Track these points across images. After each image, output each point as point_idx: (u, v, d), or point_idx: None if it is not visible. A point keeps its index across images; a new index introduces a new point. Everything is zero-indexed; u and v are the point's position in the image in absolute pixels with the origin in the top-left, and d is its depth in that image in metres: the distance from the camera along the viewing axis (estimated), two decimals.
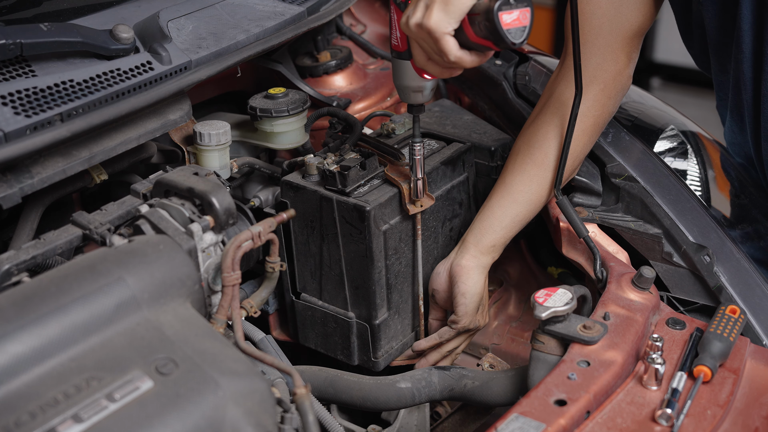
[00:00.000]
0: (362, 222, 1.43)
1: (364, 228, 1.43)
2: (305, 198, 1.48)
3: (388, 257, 1.47)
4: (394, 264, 1.49)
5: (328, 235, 1.48)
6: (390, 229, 1.46)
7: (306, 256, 1.54)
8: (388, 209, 1.46)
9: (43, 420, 0.90)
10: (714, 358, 1.22)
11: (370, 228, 1.42)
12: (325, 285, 1.53)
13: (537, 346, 1.29)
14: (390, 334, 1.54)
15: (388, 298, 1.50)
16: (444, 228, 1.59)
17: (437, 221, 1.56)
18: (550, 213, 1.57)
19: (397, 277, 1.51)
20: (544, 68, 1.75)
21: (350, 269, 1.48)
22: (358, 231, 1.44)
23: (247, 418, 0.97)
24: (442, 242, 1.59)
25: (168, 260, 1.12)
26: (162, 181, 1.29)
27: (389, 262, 1.48)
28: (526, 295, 1.81)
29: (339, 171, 1.43)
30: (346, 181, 1.42)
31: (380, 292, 1.48)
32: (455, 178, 1.59)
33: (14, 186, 1.21)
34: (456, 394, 1.41)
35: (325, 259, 1.51)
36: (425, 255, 1.56)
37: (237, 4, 1.65)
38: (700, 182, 1.78)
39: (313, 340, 1.60)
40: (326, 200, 1.45)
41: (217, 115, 1.73)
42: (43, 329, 0.98)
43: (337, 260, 1.49)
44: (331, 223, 1.46)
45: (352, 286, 1.50)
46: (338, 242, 1.47)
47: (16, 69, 1.30)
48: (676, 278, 1.48)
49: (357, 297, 1.50)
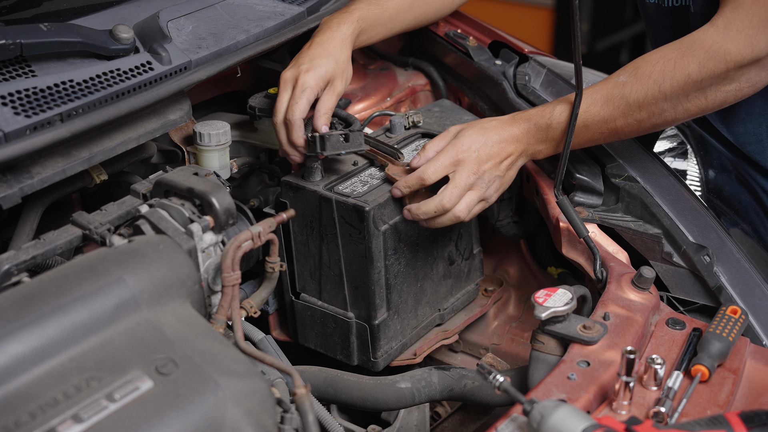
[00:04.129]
0: (361, 222, 1.43)
1: (363, 228, 1.43)
2: (305, 198, 1.48)
3: (387, 257, 1.47)
4: (393, 264, 1.49)
5: (328, 235, 1.48)
6: (389, 230, 1.46)
7: (305, 257, 1.54)
8: (387, 209, 1.46)
9: (43, 420, 0.90)
10: (712, 358, 1.22)
11: (369, 228, 1.43)
12: (325, 285, 1.53)
13: (537, 346, 1.29)
14: (389, 334, 1.54)
15: (388, 298, 1.50)
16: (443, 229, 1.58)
17: None
18: (550, 213, 1.57)
19: (397, 277, 1.51)
20: (544, 68, 1.75)
21: (349, 269, 1.48)
22: (357, 231, 1.44)
23: (247, 418, 0.97)
24: (441, 242, 1.60)
25: (168, 260, 1.12)
26: (162, 181, 1.29)
27: (389, 263, 1.48)
28: (526, 295, 1.81)
29: (319, 135, 1.43)
30: (324, 145, 1.42)
31: (379, 292, 1.48)
32: None
33: (14, 186, 1.21)
34: (456, 394, 1.41)
35: (325, 260, 1.51)
36: (425, 255, 1.56)
37: (237, 4, 1.65)
38: (700, 182, 1.78)
39: (312, 340, 1.60)
40: (325, 200, 1.45)
41: (217, 115, 1.73)
42: (43, 329, 0.98)
43: (336, 260, 1.49)
44: (331, 223, 1.46)
45: (352, 286, 1.50)
46: (337, 242, 1.47)
47: (16, 69, 1.30)
48: (676, 278, 1.48)
49: (356, 297, 1.50)
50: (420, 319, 1.61)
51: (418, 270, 1.56)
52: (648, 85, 1.36)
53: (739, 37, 1.29)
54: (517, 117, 1.47)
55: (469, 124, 1.47)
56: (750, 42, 1.29)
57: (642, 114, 1.38)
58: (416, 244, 1.54)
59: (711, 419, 1.06)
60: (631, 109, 1.38)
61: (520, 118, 1.47)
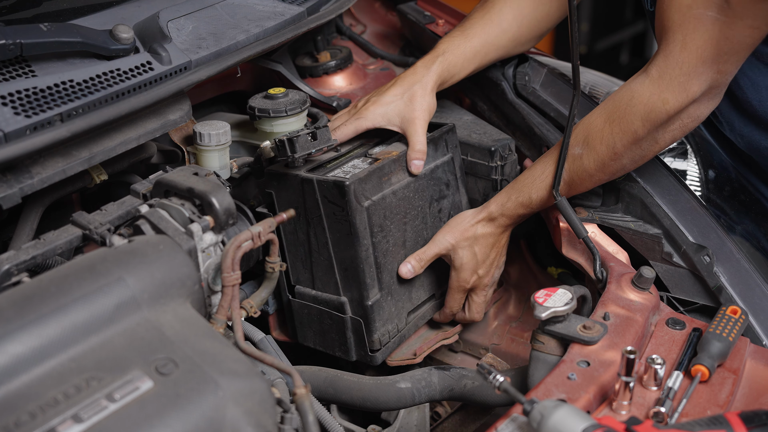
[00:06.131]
0: (343, 198, 1.43)
1: (345, 204, 1.44)
2: (288, 185, 1.49)
3: (374, 234, 1.48)
4: (380, 242, 1.50)
5: (313, 218, 1.49)
6: (373, 206, 1.47)
7: (295, 246, 1.54)
8: (369, 185, 1.47)
9: (43, 420, 0.90)
10: (712, 358, 1.22)
11: (351, 203, 1.43)
12: (317, 272, 1.54)
13: (537, 347, 1.29)
14: (384, 316, 1.53)
15: (379, 277, 1.51)
16: (432, 208, 1.60)
17: (423, 200, 1.58)
18: (549, 213, 1.57)
19: (386, 255, 1.52)
20: (544, 68, 1.75)
21: (338, 251, 1.49)
22: (340, 208, 1.45)
23: (247, 418, 0.97)
24: (430, 223, 1.60)
25: (168, 260, 1.12)
26: (162, 181, 1.29)
27: (375, 240, 1.49)
28: (526, 295, 1.81)
29: (287, 138, 1.44)
30: (294, 147, 1.43)
31: (369, 270, 1.49)
32: (438, 158, 1.60)
33: (14, 186, 1.21)
34: (456, 394, 1.41)
35: (313, 245, 1.51)
36: (414, 235, 1.57)
37: (237, 4, 1.65)
38: (700, 182, 1.78)
39: (311, 339, 1.60)
40: (307, 182, 1.46)
41: (217, 115, 1.73)
42: (43, 329, 0.98)
43: (324, 243, 1.50)
44: (315, 205, 1.47)
45: (342, 268, 1.50)
46: (323, 225, 1.48)
47: (16, 69, 1.30)
48: (676, 278, 1.48)
49: (347, 279, 1.50)
50: (414, 301, 1.61)
51: (408, 250, 1.57)
52: (602, 151, 1.44)
53: (673, 86, 1.35)
54: (495, 214, 1.56)
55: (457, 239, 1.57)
56: (684, 89, 1.35)
57: (604, 175, 1.48)
58: (404, 223, 1.55)
59: (711, 419, 1.06)
60: (593, 175, 1.48)
61: (499, 215, 1.55)
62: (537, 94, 1.72)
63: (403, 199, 1.54)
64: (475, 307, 1.64)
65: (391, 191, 1.51)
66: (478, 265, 1.58)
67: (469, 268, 1.57)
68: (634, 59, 4.73)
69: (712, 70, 1.33)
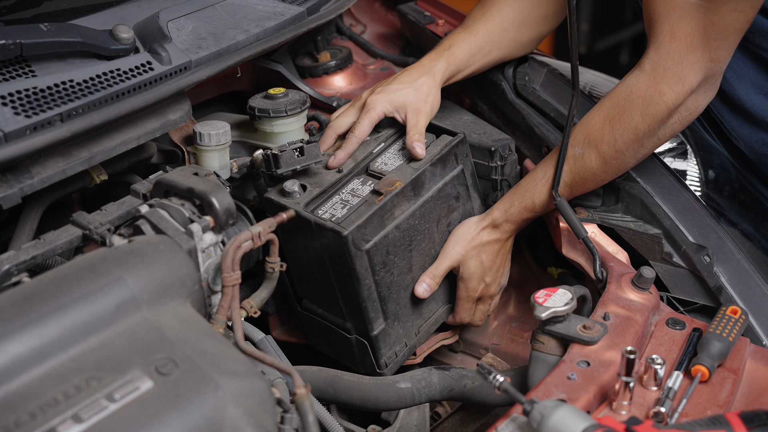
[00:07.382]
0: (340, 247, 1.39)
1: (343, 251, 1.40)
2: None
3: (375, 273, 1.44)
4: (384, 277, 1.46)
5: (314, 254, 1.46)
6: (374, 247, 1.43)
7: (300, 267, 1.52)
8: (368, 228, 1.42)
9: (43, 420, 0.90)
10: (712, 358, 1.22)
11: (350, 251, 1.39)
12: (322, 295, 1.52)
13: (537, 347, 1.29)
14: (390, 341, 1.51)
15: (383, 309, 1.48)
16: (440, 225, 1.57)
17: (430, 222, 1.54)
18: (549, 214, 1.57)
19: (390, 288, 1.48)
20: (544, 68, 1.75)
21: (340, 285, 1.46)
22: (339, 253, 1.41)
23: (247, 418, 0.97)
24: (438, 240, 1.57)
25: (168, 260, 1.12)
26: (162, 181, 1.29)
27: (378, 277, 1.45)
28: (526, 295, 1.81)
29: (273, 153, 1.42)
30: (278, 162, 1.42)
31: (372, 306, 1.46)
32: (447, 175, 1.55)
33: (14, 186, 1.21)
34: (456, 394, 1.41)
35: (317, 274, 1.49)
36: (421, 257, 1.54)
37: (237, 4, 1.65)
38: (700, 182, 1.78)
39: (324, 347, 1.61)
40: (305, 222, 1.42)
41: (217, 115, 1.73)
42: (43, 329, 0.98)
43: (326, 276, 1.47)
44: (314, 244, 1.44)
45: (345, 300, 1.48)
46: (325, 261, 1.45)
47: (16, 69, 1.30)
48: (676, 278, 1.48)
49: (351, 311, 1.48)
50: (426, 316, 1.59)
51: (416, 273, 1.53)
52: (603, 149, 1.44)
53: (667, 77, 1.35)
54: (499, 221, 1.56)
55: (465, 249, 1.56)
56: (679, 79, 1.35)
57: (606, 174, 1.48)
58: (409, 250, 1.51)
59: (711, 419, 1.06)
60: (595, 175, 1.48)
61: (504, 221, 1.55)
62: (537, 94, 1.72)
63: (408, 229, 1.49)
64: (479, 315, 1.64)
65: (394, 226, 1.46)
66: (485, 272, 1.57)
67: (477, 277, 1.57)
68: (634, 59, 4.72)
69: (704, 58, 1.33)
